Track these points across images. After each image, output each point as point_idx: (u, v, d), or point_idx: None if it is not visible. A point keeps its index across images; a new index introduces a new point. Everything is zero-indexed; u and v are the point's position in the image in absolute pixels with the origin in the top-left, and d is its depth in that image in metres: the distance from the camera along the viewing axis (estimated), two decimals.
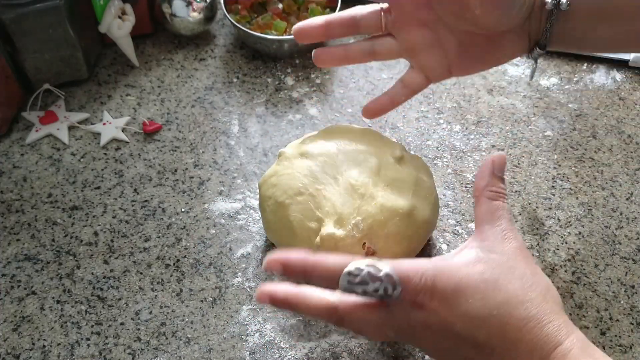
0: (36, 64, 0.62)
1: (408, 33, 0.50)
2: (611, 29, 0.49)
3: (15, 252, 0.54)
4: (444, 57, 0.51)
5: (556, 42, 0.50)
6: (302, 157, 0.52)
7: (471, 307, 0.37)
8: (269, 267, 0.39)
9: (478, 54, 0.51)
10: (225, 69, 0.70)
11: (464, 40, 0.50)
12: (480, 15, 0.47)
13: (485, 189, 0.44)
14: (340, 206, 0.48)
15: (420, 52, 0.51)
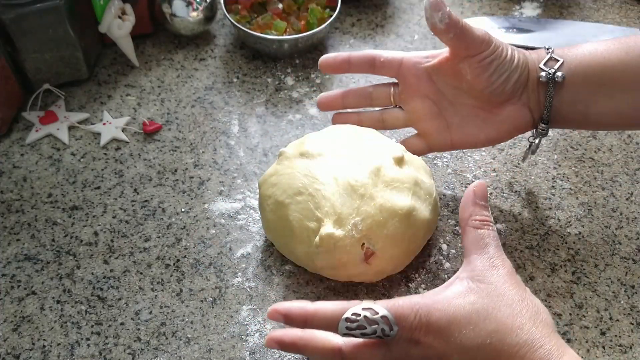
0: (36, 64, 0.62)
1: (413, 104, 0.55)
2: (613, 101, 0.50)
3: (15, 252, 0.54)
4: (446, 129, 0.55)
5: (559, 116, 0.52)
6: (302, 157, 0.52)
7: (465, 338, 0.39)
8: (272, 317, 0.40)
9: (479, 127, 0.54)
10: (225, 69, 0.70)
11: (465, 113, 0.53)
12: (473, 81, 0.51)
13: (469, 219, 0.45)
14: (339, 206, 0.48)
15: (423, 122, 0.55)
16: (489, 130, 0.54)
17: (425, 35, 0.75)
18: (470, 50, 0.50)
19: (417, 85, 0.54)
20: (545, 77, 0.50)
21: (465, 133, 0.54)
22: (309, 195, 0.49)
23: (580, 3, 0.79)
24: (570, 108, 0.51)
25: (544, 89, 0.51)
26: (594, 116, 0.52)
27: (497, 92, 0.51)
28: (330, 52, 0.72)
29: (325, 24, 0.68)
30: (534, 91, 0.51)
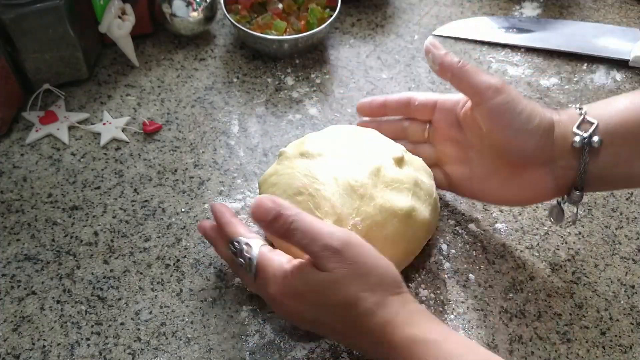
0: (36, 64, 0.62)
1: (442, 146, 0.56)
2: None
3: (15, 252, 0.54)
4: (469, 177, 0.54)
5: (597, 180, 0.48)
6: (302, 157, 0.52)
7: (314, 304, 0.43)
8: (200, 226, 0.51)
9: (500, 185, 0.52)
10: (225, 69, 0.70)
11: (489, 167, 0.52)
12: (488, 133, 0.49)
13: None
14: (339, 206, 0.48)
15: (449, 165, 0.55)
16: (509, 191, 0.51)
17: (425, 35, 0.75)
18: (476, 96, 0.49)
19: (448, 130, 0.54)
20: (580, 143, 0.46)
21: (486, 187, 0.53)
22: (309, 195, 0.49)
23: (580, 3, 0.79)
24: (609, 171, 0.47)
25: (577, 154, 0.47)
26: (632, 177, 0.48)
27: (514, 151, 0.48)
28: (331, 53, 0.72)
29: (325, 24, 0.68)
30: (563, 157, 0.47)
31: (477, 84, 0.48)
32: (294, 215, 0.42)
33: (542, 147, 0.48)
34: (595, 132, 0.46)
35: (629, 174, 0.48)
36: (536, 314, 0.52)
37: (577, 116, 0.47)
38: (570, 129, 0.47)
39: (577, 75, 0.71)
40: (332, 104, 0.67)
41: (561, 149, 0.47)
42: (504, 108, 0.48)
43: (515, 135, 0.48)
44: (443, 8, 0.78)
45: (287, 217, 0.42)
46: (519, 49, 0.73)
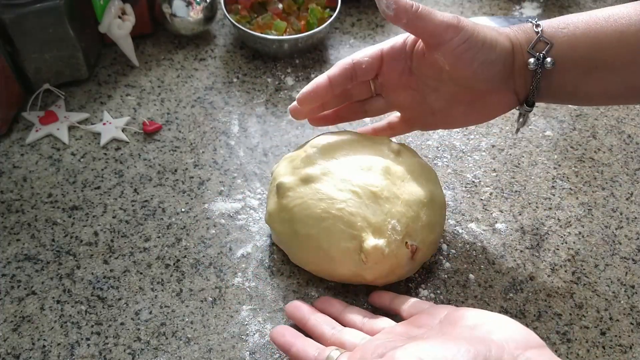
0: (36, 64, 0.62)
1: (394, 95, 0.54)
2: (603, 82, 0.48)
3: (15, 252, 0.54)
4: (430, 114, 0.53)
5: (546, 96, 0.50)
6: (306, 183, 0.50)
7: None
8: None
9: (464, 111, 0.52)
10: (225, 69, 0.70)
11: (449, 98, 0.51)
12: (452, 72, 0.49)
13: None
14: (372, 216, 0.48)
15: (407, 110, 0.54)
16: (473, 114, 0.52)
17: None
18: (434, 38, 0.47)
19: (398, 79, 0.53)
20: (534, 65, 0.47)
21: (449, 115, 0.53)
22: (335, 218, 0.48)
23: (580, 3, 0.79)
24: (557, 89, 0.49)
25: (531, 73, 0.48)
26: (583, 95, 0.50)
27: (480, 82, 0.49)
28: (331, 53, 0.72)
29: (325, 24, 0.68)
30: (520, 76, 0.49)
31: (435, 26, 0.47)
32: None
33: (504, 72, 0.48)
34: (549, 54, 0.47)
35: (574, 94, 0.50)
36: (536, 314, 0.52)
37: (534, 34, 0.48)
38: (526, 48, 0.48)
39: None
40: None
41: (519, 67, 0.48)
42: (465, 46, 0.47)
43: (481, 67, 0.48)
44: (443, 8, 0.78)
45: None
46: None
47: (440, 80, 0.51)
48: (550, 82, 0.48)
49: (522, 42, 0.48)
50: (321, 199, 0.49)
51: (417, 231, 0.49)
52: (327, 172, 0.50)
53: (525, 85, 0.49)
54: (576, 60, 0.47)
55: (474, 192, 0.60)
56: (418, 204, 0.49)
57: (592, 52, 0.47)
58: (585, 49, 0.47)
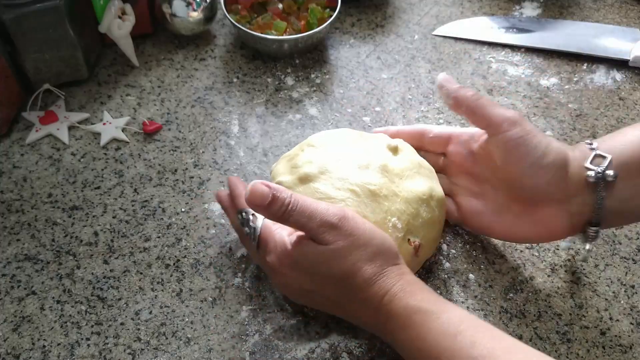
0: (36, 64, 0.62)
1: (456, 177, 0.55)
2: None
3: (15, 252, 0.54)
4: (482, 211, 0.53)
5: (612, 215, 0.47)
6: (304, 183, 0.50)
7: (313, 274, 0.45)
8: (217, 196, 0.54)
9: (512, 221, 0.51)
10: (225, 69, 0.70)
11: (502, 202, 0.51)
12: (502, 166, 0.49)
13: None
14: (371, 215, 0.48)
15: (463, 197, 0.55)
16: (521, 227, 0.50)
17: (425, 35, 0.75)
18: (491, 128, 0.49)
19: (462, 162, 0.54)
20: (595, 177, 0.45)
21: (497, 222, 0.52)
22: None
23: (580, 3, 0.79)
24: (625, 205, 0.46)
25: (592, 189, 0.46)
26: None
27: (529, 187, 0.48)
28: (331, 53, 0.72)
29: (325, 24, 0.68)
30: (578, 193, 0.47)
31: (493, 116, 0.48)
32: (290, 197, 0.44)
33: (556, 184, 0.47)
34: (609, 166, 0.46)
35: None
36: (536, 314, 0.52)
37: (589, 151, 0.47)
38: (583, 164, 0.46)
39: (577, 75, 0.71)
40: (332, 104, 0.67)
41: (576, 185, 0.47)
42: (519, 141, 0.47)
43: (530, 169, 0.47)
44: (443, 8, 0.78)
45: (283, 200, 0.43)
46: (519, 49, 0.73)
47: (495, 176, 0.51)
48: (614, 199, 0.46)
49: (578, 157, 0.47)
50: (320, 198, 0.48)
51: (418, 228, 0.49)
52: (325, 170, 0.50)
53: (585, 205, 0.47)
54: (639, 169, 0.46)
55: None
56: (417, 200, 0.49)
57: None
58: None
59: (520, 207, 0.49)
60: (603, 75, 0.71)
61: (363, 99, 0.67)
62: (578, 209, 0.47)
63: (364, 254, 0.44)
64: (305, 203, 0.44)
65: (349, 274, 0.43)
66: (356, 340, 0.50)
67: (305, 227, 0.44)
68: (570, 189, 0.47)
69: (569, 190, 0.47)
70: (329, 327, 0.50)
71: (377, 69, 0.70)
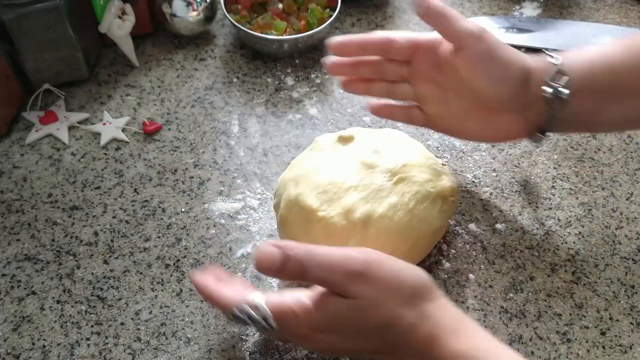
0: (36, 64, 0.62)
1: (421, 86, 0.54)
2: (620, 108, 0.49)
3: (15, 252, 0.54)
4: (447, 116, 0.54)
5: (562, 126, 0.51)
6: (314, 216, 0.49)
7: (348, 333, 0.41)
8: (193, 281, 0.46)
9: (476, 126, 0.53)
10: (225, 69, 0.70)
11: (466, 108, 0.52)
12: (467, 78, 0.50)
13: None
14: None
15: (429, 104, 0.55)
16: (484, 130, 0.53)
17: None
18: (457, 41, 0.49)
19: (427, 71, 0.53)
20: (551, 94, 0.48)
21: (461, 125, 0.54)
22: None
23: (580, 3, 0.79)
24: (574, 118, 0.50)
25: (547, 102, 0.49)
26: (601, 123, 0.51)
27: (493, 98, 0.50)
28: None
29: (325, 24, 0.68)
30: (535, 104, 0.49)
31: (459, 30, 0.49)
32: (303, 252, 0.39)
33: (518, 95, 0.49)
34: (566, 85, 0.48)
35: (592, 122, 0.51)
36: (536, 314, 0.52)
37: (551, 66, 0.49)
38: (544, 78, 0.49)
39: None
40: (332, 104, 0.67)
41: (535, 96, 0.49)
42: (483, 56, 0.49)
43: (494, 83, 0.49)
44: None
45: (296, 256, 0.39)
46: (519, 49, 0.73)
47: (460, 86, 0.51)
48: (568, 111, 0.49)
49: (540, 70, 0.49)
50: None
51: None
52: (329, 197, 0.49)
53: (540, 114, 0.50)
54: (594, 88, 0.48)
55: (474, 192, 0.60)
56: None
57: (607, 79, 0.48)
58: (601, 77, 0.48)
59: (483, 114, 0.52)
60: None
61: (363, 99, 0.67)
62: (534, 117, 0.50)
63: (399, 298, 0.40)
64: (322, 253, 0.39)
65: (387, 324, 0.40)
66: None
67: (327, 281, 0.39)
68: (530, 99, 0.49)
69: (529, 101, 0.50)
70: None
71: None
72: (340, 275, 0.39)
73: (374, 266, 0.40)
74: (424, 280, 0.41)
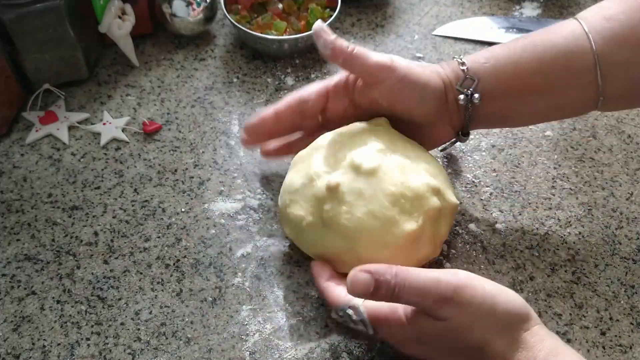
0: (36, 64, 0.62)
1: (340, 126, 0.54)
2: (530, 106, 0.52)
3: (15, 252, 0.54)
4: None
5: (481, 124, 0.55)
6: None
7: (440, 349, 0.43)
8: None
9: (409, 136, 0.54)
10: (225, 69, 0.70)
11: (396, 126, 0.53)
12: (390, 108, 0.52)
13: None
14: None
15: None
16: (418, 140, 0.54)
17: (425, 35, 0.75)
18: (371, 77, 0.50)
19: (343, 113, 0.54)
20: (464, 101, 0.51)
21: None
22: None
23: (580, 3, 0.79)
24: (489, 117, 0.53)
25: (463, 107, 0.52)
26: (512, 120, 0.55)
27: (416, 117, 0.52)
28: None
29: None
30: (454, 110, 0.52)
31: (370, 66, 0.50)
32: (394, 276, 0.40)
33: (438, 107, 0.52)
34: (476, 90, 0.51)
35: (504, 119, 0.54)
36: (536, 313, 0.52)
37: (460, 72, 0.52)
38: (456, 85, 0.52)
39: None
40: None
41: (451, 102, 0.52)
42: (400, 84, 0.50)
43: (416, 104, 0.51)
44: (443, 8, 0.78)
45: (388, 283, 0.40)
46: None
47: (381, 113, 0.53)
48: (482, 112, 0.52)
49: (452, 79, 0.52)
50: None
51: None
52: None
53: (460, 117, 0.53)
54: (502, 90, 0.51)
55: (474, 192, 0.60)
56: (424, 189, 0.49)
57: (515, 81, 0.51)
58: (509, 79, 0.51)
59: (413, 130, 0.53)
60: None
61: None
62: (456, 122, 0.54)
63: (490, 325, 0.40)
64: (414, 279, 0.40)
65: (477, 347, 0.40)
66: (356, 340, 0.49)
67: (419, 306, 0.41)
68: (450, 108, 0.52)
69: (449, 110, 0.53)
70: (329, 327, 0.50)
71: None
72: (430, 301, 0.40)
73: (464, 290, 0.40)
74: (519, 306, 0.41)
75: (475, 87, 0.51)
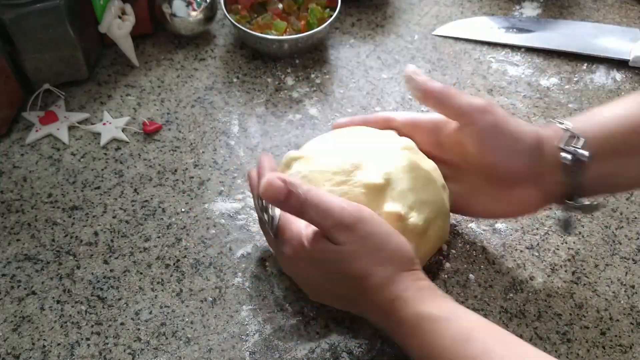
0: (36, 64, 0.62)
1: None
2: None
3: (15, 252, 0.54)
4: (457, 194, 0.52)
5: (585, 192, 0.48)
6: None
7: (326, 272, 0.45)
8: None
9: (486, 202, 0.51)
10: (225, 69, 0.70)
11: (475, 184, 0.51)
12: (475, 154, 0.48)
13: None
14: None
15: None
16: (497, 206, 0.51)
17: (425, 35, 0.75)
18: (463, 117, 0.48)
19: (429, 151, 0.52)
20: (571, 160, 0.46)
21: (472, 203, 0.52)
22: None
23: (580, 3, 0.79)
24: (597, 182, 0.47)
25: (566, 169, 0.47)
26: (622, 184, 0.50)
27: (504, 172, 0.48)
28: (331, 53, 0.72)
29: (325, 24, 0.68)
30: (552, 173, 0.47)
31: (463, 106, 0.48)
32: (305, 192, 0.43)
33: (530, 166, 0.47)
34: (583, 147, 0.46)
35: (615, 184, 0.49)
36: (536, 314, 0.52)
37: (562, 132, 0.47)
38: (557, 144, 0.47)
39: (577, 75, 0.71)
40: (332, 104, 0.67)
41: (550, 166, 0.47)
42: (492, 130, 0.47)
43: (504, 156, 0.48)
44: (443, 8, 0.78)
45: (298, 195, 0.43)
46: (519, 49, 0.73)
47: (466, 162, 0.50)
48: (587, 177, 0.47)
49: (551, 137, 0.47)
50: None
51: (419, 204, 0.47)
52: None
53: (557, 183, 0.48)
54: (613, 150, 0.47)
55: None
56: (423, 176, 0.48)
57: (625, 138, 0.46)
58: (619, 137, 0.46)
59: (495, 188, 0.50)
60: (603, 76, 0.71)
61: (363, 99, 0.67)
62: (552, 187, 0.48)
63: (377, 258, 0.43)
64: (321, 200, 0.43)
65: (360, 276, 0.43)
66: (356, 340, 0.50)
67: (319, 225, 0.44)
68: (544, 170, 0.48)
69: (543, 170, 0.48)
70: (329, 327, 0.50)
71: (377, 69, 0.70)
72: (331, 223, 0.43)
73: (363, 223, 0.43)
74: (406, 251, 0.44)
75: (583, 145, 0.46)
